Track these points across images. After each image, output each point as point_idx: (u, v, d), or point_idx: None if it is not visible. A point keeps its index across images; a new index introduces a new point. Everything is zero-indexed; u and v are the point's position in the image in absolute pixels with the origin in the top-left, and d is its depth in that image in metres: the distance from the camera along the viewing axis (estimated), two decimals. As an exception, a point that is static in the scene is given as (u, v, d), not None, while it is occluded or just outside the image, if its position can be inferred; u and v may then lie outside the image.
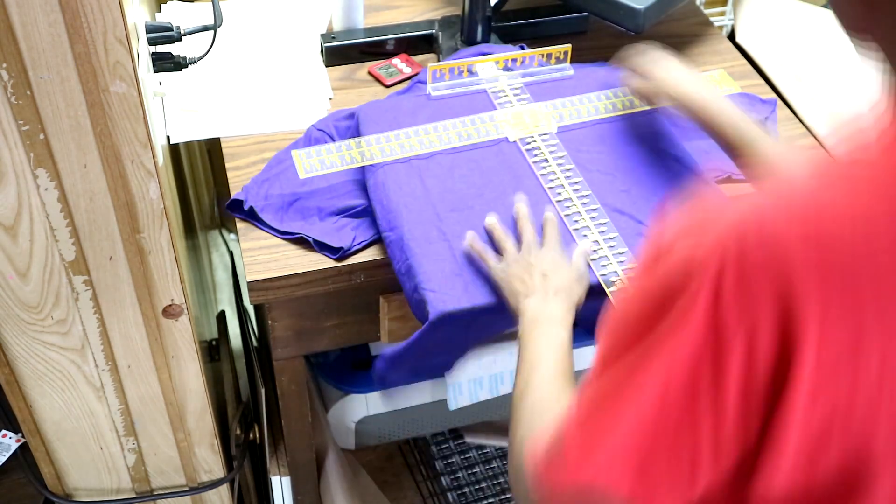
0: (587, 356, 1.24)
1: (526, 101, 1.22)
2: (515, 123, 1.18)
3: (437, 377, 1.36)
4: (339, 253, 1.07)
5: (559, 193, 1.09)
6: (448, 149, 1.14)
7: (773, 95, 1.33)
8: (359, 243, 1.08)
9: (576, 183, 1.11)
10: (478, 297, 0.98)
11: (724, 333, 0.55)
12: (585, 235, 1.04)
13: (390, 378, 1.04)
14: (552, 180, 1.11)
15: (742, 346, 0.55)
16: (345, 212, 1.11)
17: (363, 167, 1.13)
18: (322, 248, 1.08)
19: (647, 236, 0.63)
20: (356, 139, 1.16)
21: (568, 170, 1.12)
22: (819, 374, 0.54)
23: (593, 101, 1.22)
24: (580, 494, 0.61)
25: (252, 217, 1.11)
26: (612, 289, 0.99)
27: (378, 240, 1.09)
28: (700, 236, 0.56)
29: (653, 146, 1.16)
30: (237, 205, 1.12)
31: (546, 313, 0.88)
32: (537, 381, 0.80)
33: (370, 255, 1.08)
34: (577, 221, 1.06)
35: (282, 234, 1.09)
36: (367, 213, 1.11)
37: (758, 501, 0.59)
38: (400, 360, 1.01)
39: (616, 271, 1.01)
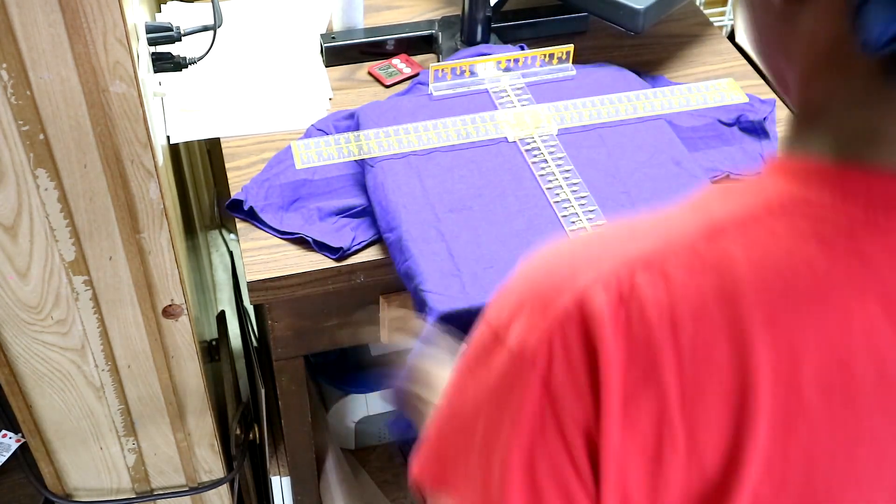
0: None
1: (528, 102, 1.22)
2: (516, 124, 1.18)
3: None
4: (338, 253, 1.07)
5: (557, 194, 1.09)
6: (446, 146, 1.14)
7: (773, 96, 1.33)
8: (359, 243, 1.08)
9: (574, 184, 1.11)
10: (476, 297, 0.99)
11: (553, 429, 0.53)
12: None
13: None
14: (551, 181, 1.11)
15: (564, 437, 0.53)
16: (345, 212, 1.11)
17: (361, 162, 1.13)
18: (322, 248, 1.08)
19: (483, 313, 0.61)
20: (355, 133, 1.17)
21: (567, 171, 1.12)
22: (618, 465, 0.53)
23: (596, 104, 1.22)
24: None
25: (252, 217, 1.11)
26: None
27: (378, 240, 1.09)
28: (531, 318, 0.54)
29: (655, 151, 1.16)
30: (237, 205, 1.12)
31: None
32: None
33: (370, 255, 1.08)
34: (573, 223, 1.06)
35: (281, 234, 1.09)
36: (367, 212, 1.11)
37: None
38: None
39: None
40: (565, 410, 0.53)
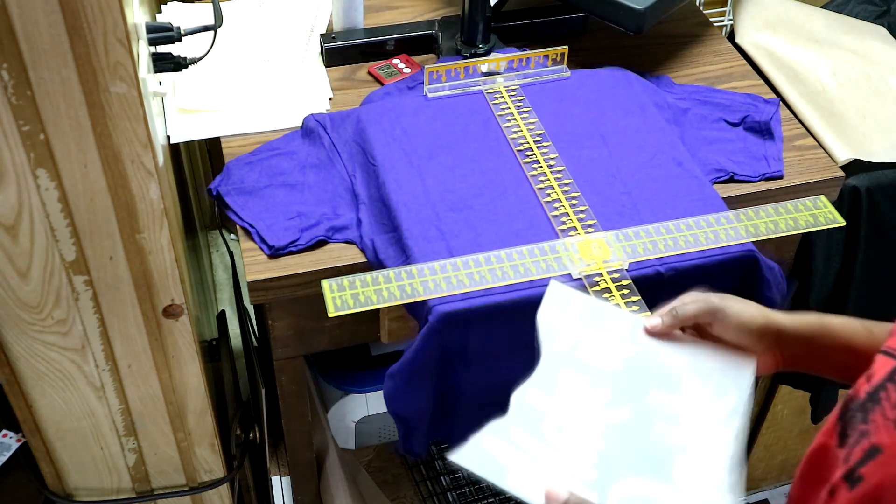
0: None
1: (521, 104, 1.22)
2: (580, 255, 1.03)
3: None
4: (272, 250, 1.07)
5: (548, 194, 1.09)
6: (503, 286, 1.00)
7: (773, 96, 1.33)
8: (295, 246, 1.08)
9: (566, 184, 1.11)
10: (475, 297, 0.99)
11: None
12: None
13: (399, 405, 1.01)
14: (542, 181, 1.11)
15: None
16: (305, 209, 1.11)
17: (355, 164, 1.13)
18: (261, 241, 1.08)
19: None
20: (396, 269, 1.01)
21: (559, 171, 1.12)
22: None
23: (671, 231, 1.06)
24: None
25: (219, 201, 1.13)
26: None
27: (323, 242, 1.09)
28: None
29: (657, 151, 1.16)
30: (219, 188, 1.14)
31: None
32: None
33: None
34: (563, 222, 1.06)
35: (240, 220, 1.10)
36: (326, 217, 1.11)
37: None
38: (405, 375, 1.00)
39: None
40: None
